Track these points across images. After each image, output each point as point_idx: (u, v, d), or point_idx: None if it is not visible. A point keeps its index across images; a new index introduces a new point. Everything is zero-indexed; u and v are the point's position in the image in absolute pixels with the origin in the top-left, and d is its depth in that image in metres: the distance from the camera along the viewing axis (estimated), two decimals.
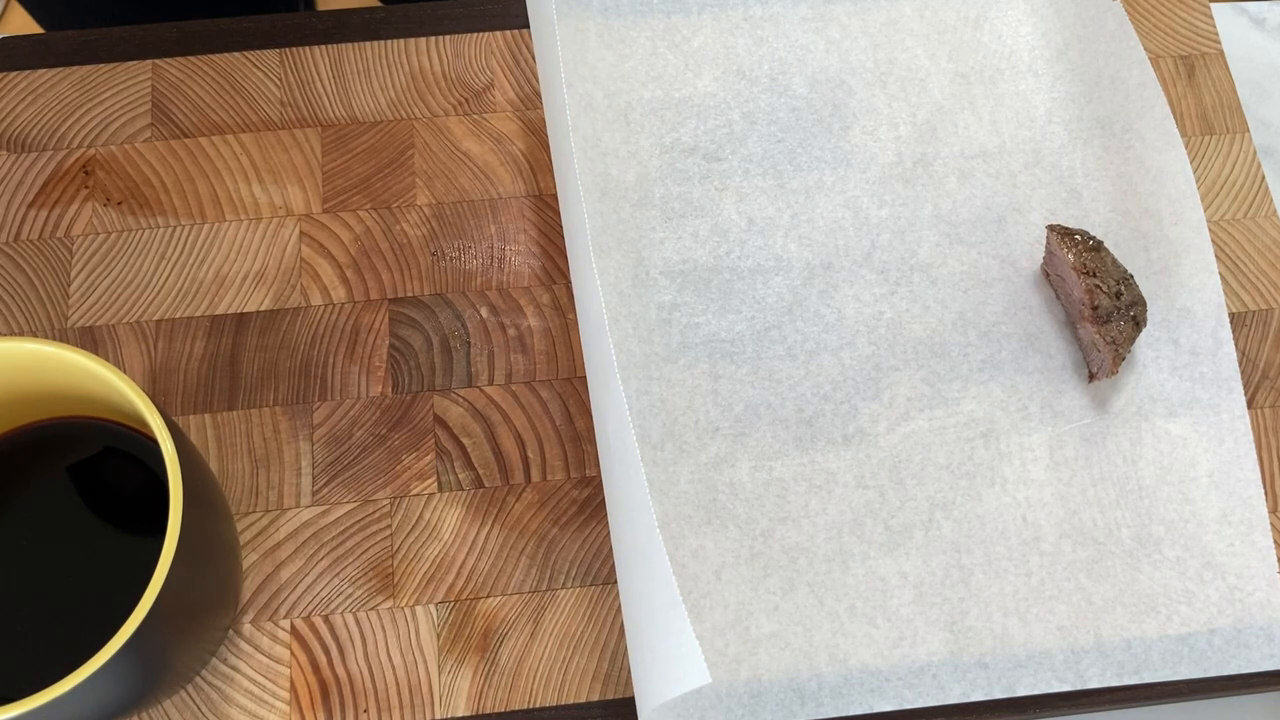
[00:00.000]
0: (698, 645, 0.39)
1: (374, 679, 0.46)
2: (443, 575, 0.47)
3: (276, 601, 0.47)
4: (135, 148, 0.54)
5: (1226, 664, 0.46)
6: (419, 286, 0.52)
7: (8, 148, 0.53)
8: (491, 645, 0.46)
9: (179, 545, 0.36)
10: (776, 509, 0.47)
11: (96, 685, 0.35)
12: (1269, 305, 0.53)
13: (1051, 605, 0.46)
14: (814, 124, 0.54)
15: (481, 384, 0.50)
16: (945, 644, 0.46)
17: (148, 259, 0.52)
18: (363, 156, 0.54)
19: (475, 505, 0.48)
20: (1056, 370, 0.50)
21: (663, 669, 0.41)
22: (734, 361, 0.50)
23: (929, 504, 0.48)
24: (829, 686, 0.45)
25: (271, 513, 0.48)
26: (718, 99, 0.54)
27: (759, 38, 0.56)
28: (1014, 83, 0.56)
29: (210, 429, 0.49)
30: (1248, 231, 0.55)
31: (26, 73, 0.55)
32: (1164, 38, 0.58)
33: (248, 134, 0.54)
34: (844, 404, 0.49)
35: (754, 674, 0.45)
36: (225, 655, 0.46)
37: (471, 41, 0.57)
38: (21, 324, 0.50)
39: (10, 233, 0.52)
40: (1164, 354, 0.50)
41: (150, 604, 0.35)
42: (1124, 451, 0.49)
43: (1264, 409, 0.51)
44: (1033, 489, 0.48)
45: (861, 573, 0.47)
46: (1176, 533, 0.48)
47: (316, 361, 0.50)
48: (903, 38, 0.56)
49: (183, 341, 0.50)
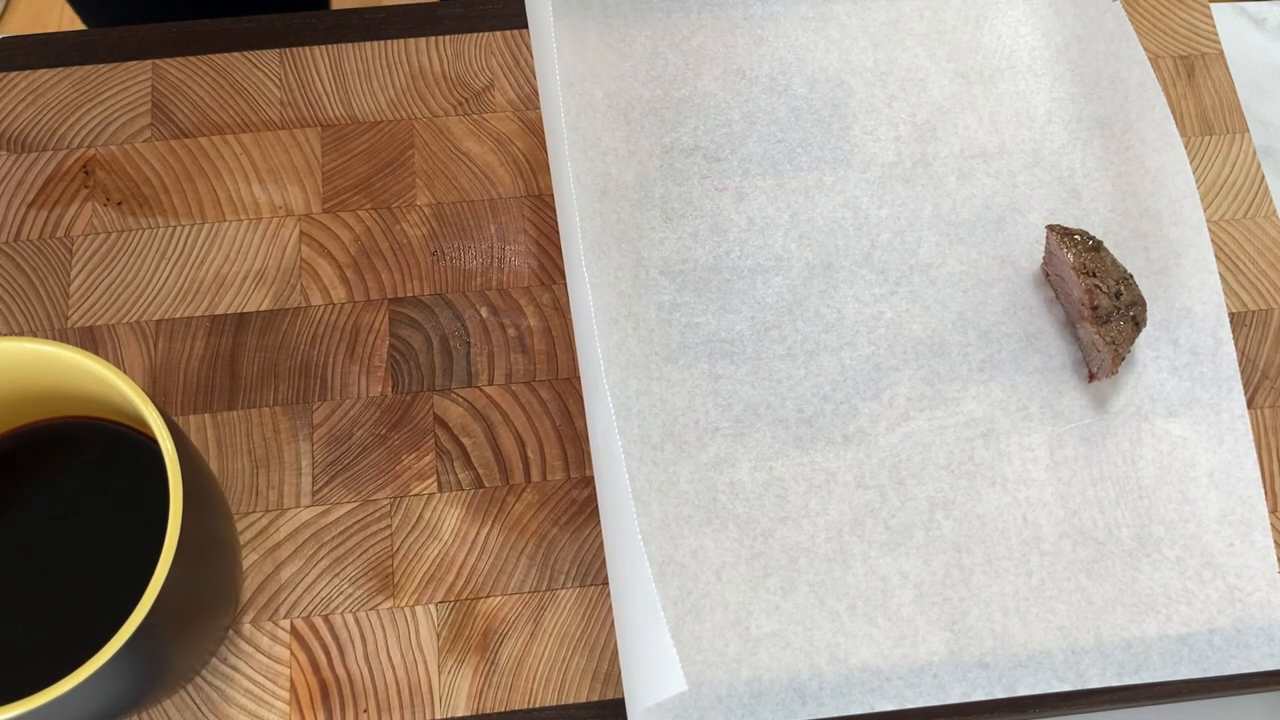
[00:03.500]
0: (675, 652, 0.39)
1: (374, 679, 0.46)
2: (443, 575, 0.47)
3: (276, 601, 0.47)
4: (135, 148, 0.54)
5: (1226, 664, 0.46)
6: (419, 286, 0.52)
7: (8, 148, 0.53)
8: (491, 645, 0.46)
9: (179, 545, 0.36)
10: (776, 509, 0.47)
11: (96, 685, 0.35)
12: (1269, 305, 0.53)
13: (1052, 605, 0.46)
14: (814, 124, 0.54)
15: (481, 384, 0.50)
16: (946, 644, 0.46)
17: (148, 259, 0.52)
18: (363, 156, 0.54)
19: (475, 505, 0.48)
20: (1056, 370, 0.50)
21: (646, 674, 0.41)
22: (734, 361, 0.50)
23: (929, 504, 0.48)
24: (830, 686, 0.45)
25: (271, 513, 0.48)
26: (718, 99, 0.54)
27: (759, 37, 0.56)
28: (1014, 83, 0.56)
29: (210, 429, 0.49)
30: (1248, 231, 0.55)
31: (26, 73, 0.55)
32: (1164, 38, 0.58)
33: (248, 134, 0.54)
34: (844, 404, 0.49)
35: (754, 674, 0.45)
36: (225, 655, 0.46)
37: (471, 41, 0.57)
38: (21, 324, 0.50)
39: (10, 233, 0.52)
40: (1164, 354, 0.50)
41: (150, 604, 0.35)
42: (1124, 451, 0.49)
43: (1264, 409, 0.51)
44: (1033, 489, 0.48)
45: (862, 572, 0.47)
46: (1176, 533, 0.48)
47: (316, 361, 0.50)
48: (903, 38, 0.56)
49: (183, 341, 0.50)
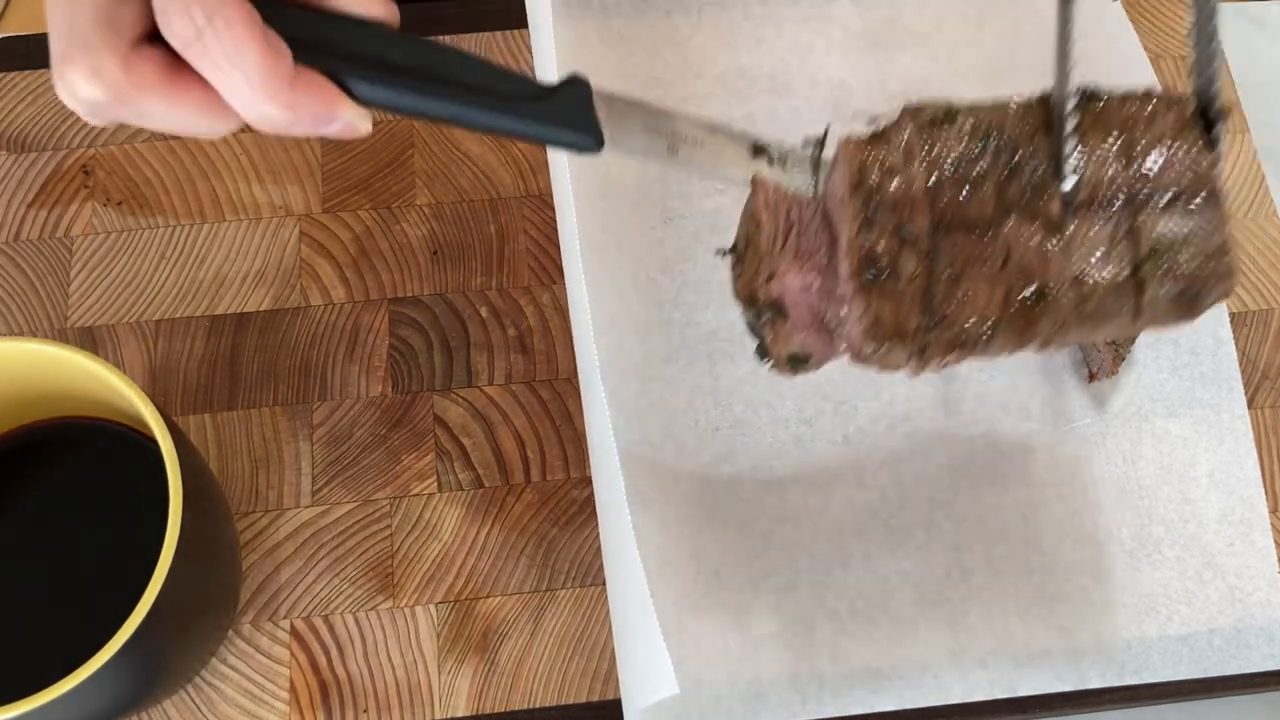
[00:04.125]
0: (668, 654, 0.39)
1: (374, 679, 0.46)
2: (442, 575, 0.47)
3: (276, 602, 0.47)
4: (135, 148, 0.54)
5: (1226, 664, 0.46)
6: (419, 286, 0.52)
7: (8, 148, 0.53)
8: (491, 645, 0.46)
9: (179, 545, 0.36)
10: (776, 509, 0.47)
11: (96, 685, 0.35)
12: (1269, 305, 0.53)
13: (1052, 605, 0.46)
14: (814, 124, 0.54)
15: (481, 384, 0.50)
16: (946, 644, 0.46)
17: (148, 259, 0.52)
18: (363, 156, 0.54)
19: (475, 505, 0.48)
20: (1056, 370, 0.50)
21: (640, 675, 0.41)
22: (734, 361, 0.50)
23: (929, 504, 0.48)
24: (830, 686, 0.45)
25: (271, 513, 0.48)
26: (718, 99, 0.54)
27: (759, 38, 0.56)
28: (1014, 83, 0.56)
29: (210, 429, 0.49)
30: (1248, 231, 0.55)
31: (26, 73, 0.55)
32: (1164, 38, 0.58)
33: (247, 134, 0.54)
34: (844, 404, 0.49)
35: (755, 674, 0.45)
36: (225, 655, 0.46)
37: (471, 41, 0.57)
38: (21, 324, 0.50)
39: (10, 233, 0.52)
40: (1164, 354, 0.50)
41: (150, 604, 0.35)
42: (1124, 451, 0.49)
43: (1264, 409, 0.51)
44: (1033, 489, 0.48)
45: (862, 572, 0.47)
46: (1176, 533, 0.48)
47: (316, 361, 0.50)
48: (903, 37, 0.56)
49: (182, 341, 0.50)
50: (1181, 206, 0.36)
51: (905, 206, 0.36)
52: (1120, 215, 0.36)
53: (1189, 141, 0.36)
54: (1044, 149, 0.37)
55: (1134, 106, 0.37)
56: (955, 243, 0.36)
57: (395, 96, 0.31)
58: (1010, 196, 0.37)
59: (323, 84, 0.30)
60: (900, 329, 0.36)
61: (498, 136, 0.34)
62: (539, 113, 0.33)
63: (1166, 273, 0.36)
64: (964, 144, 0.37)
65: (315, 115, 0.30)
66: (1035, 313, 0.36)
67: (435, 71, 0.32)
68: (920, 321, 0.36)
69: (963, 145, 0.37)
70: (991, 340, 0.36)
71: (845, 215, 0.36)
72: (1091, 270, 0.36)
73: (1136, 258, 0.36)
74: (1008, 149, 0.37)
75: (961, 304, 0.36)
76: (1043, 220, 0.36)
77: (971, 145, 0.37)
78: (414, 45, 0.32)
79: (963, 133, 0.38)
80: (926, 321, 0.36)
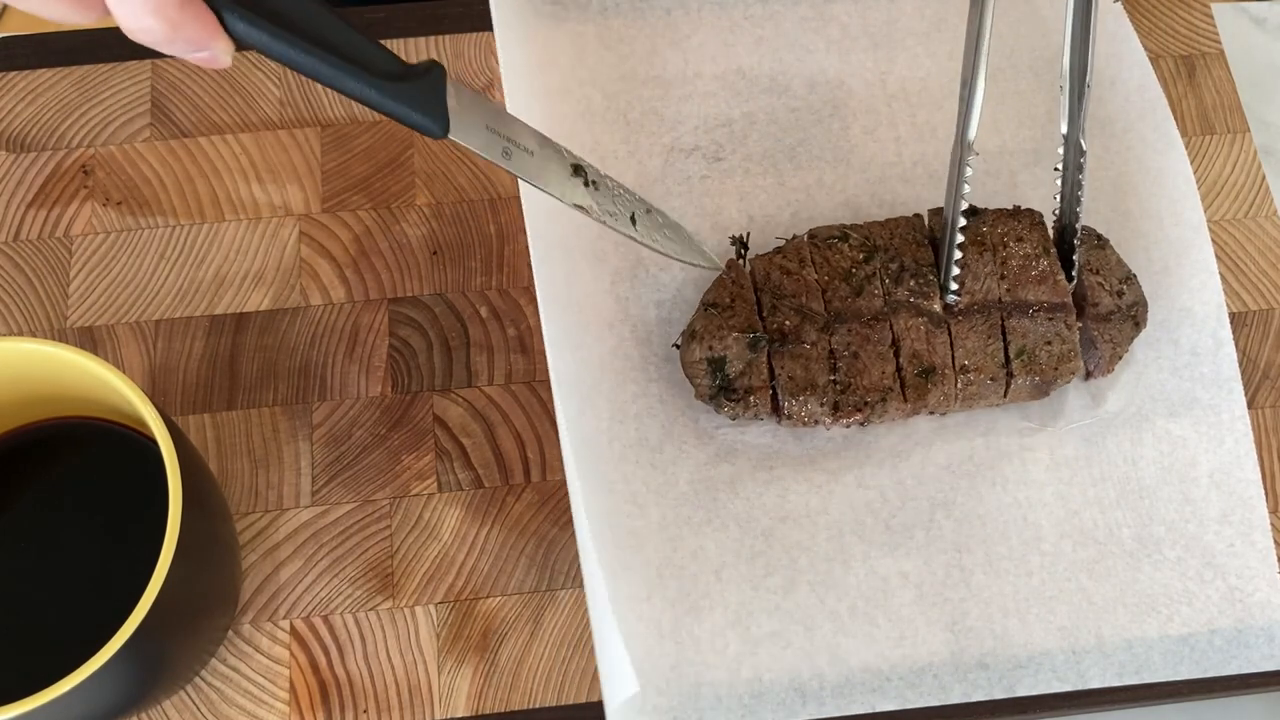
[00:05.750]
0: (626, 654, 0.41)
1: (374, 679, 0.46)
2: (442, 575, 0.47)
3: (276, 602, 0.47)
4: (135, 148, 0.54)
5: (1227, 664, 0.46)
6: (419, 286, 0.52)
7: (7, 148, 0.53)
8: (491, 645, 0.46)
9: (178, 545, 0.36)
10: (777, 508, 0.47)
11: (96, 685, 0.35)
12: (1269, 305, 0.53)
13: (1052, 605, 0.46)
14: (813, 124, 0.54)
15: (481, 384, 0.50)
16: (946, 644, 0.46)
17: (147, 259, 0.52)
18: (362, 156, 0.54)
19: (475, 505, 0.48)
20: None
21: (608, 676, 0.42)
22: None
23: (929, 504, 0.48)
24: (830, 686, 0.45)
25: (271, 513, 0.48)
26: (718, 99, 0.54)
27: (759, 37, 0.56)
28: (1014, 83, 0.56)
29: (210, 429, 0.49)
30: (1248, 231, 0.55)
31: (26, 73, 0.55)
32: (1164, 38, 0.58)
33: (247, 134, 0.54)
34: None
35: (755, 673, 0.45)
36: (225, 655, 0.46)
37: (471, 41, 0.57)
38: (21, 324, 0.50)
39: (10, 233, 0.52)
40: (1164, 354, 0.50)
41: (150, 604, 0.35)
42: (1124, 451, 0.49)
43: (1264, 409, 0.51)
44: (1033, 489, 0.48)
45: (862, 572, 0.47)
46: (1177, 533, 0.48)
47: (316, 361, 0.50)
48: (903, 37, 0.56)
49: (182, 341, 0.50)
50: (1044, 316, 0.47)
51: (803, 293, 0.47)
52: (993, 319, 0.47)
53: (1050, 260, 0.47)
54: (926, 259, 0.48)
55: (1006, 226, 0.48)
56: (851, 328, 0.46)
57: (268, 41, 0.34)
58: (898, 297, 0.47)
59: (206, 13, 0.33)
60: (811, 383, 0.46)
61: (356, 103, 0.38)
62: (395, 91, 0.37)
63: (1030, 368, 0.47)
64: (854, 254, 0.48)
65: (190, 39, 0.32)
66: (926, 387, 0.46)
67: (312, 30, 0.35)
68: (829, 379, 0.46)
69: (853, 254, 0.48)
70: (887, 406, 0.46)
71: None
72: (971, 361, 0.47)
73: (1008, 354, 0.47)
74: (895, 259, 0.48)
75: (860, 373, 0.46)
76: (928, 317, 0.47)
77: (859, 254, 0.48)
78: (300, 1, 0.35)
79: (853, 246, 0.48)
80: (836, 380, 0.46)
